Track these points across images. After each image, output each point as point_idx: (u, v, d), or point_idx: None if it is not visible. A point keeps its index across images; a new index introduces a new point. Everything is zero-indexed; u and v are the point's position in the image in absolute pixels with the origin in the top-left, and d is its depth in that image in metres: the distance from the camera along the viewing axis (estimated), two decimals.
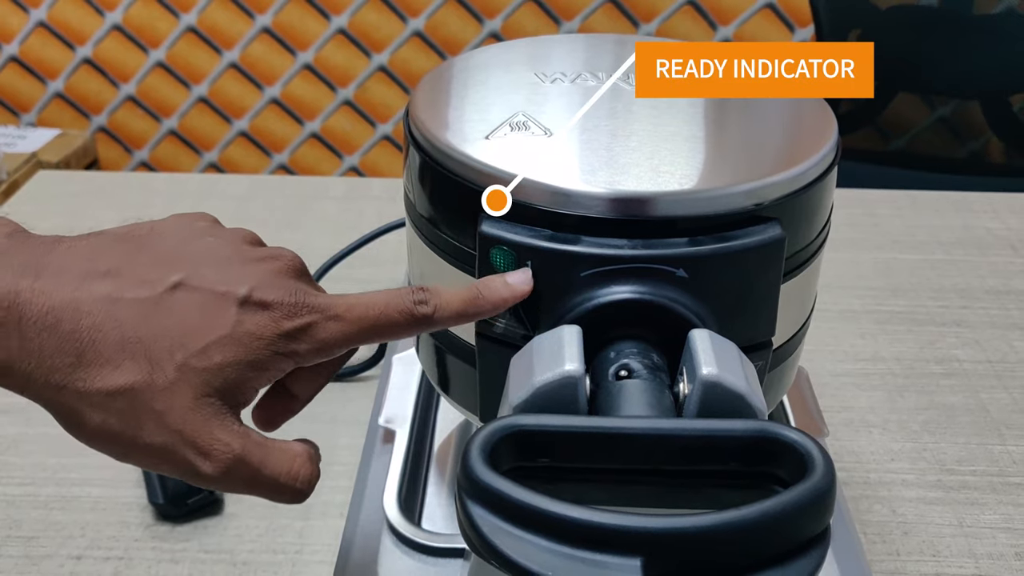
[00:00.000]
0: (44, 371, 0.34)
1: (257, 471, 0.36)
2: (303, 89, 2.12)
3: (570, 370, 0.35)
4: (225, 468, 0.36)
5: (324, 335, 0.37)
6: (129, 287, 0.36)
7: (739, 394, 0.35)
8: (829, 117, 0.46)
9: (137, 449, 0.35)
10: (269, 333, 0.36)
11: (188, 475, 0.36)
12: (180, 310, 0.36)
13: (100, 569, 0.58)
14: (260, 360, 0.36)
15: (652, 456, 0.33)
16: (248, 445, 0.36)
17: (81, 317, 0.34)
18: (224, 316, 0.36)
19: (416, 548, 0.51)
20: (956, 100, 1.77)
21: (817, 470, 0.31)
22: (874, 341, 0.79)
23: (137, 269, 0.36)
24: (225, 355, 0.36)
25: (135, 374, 0.34)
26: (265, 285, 0.37)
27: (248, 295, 0.37)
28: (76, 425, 0.35)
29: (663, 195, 0.39)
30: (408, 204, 0.47)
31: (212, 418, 0.35)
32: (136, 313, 0.35)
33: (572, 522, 0.29)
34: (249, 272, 0.38)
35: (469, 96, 0.48)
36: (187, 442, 0.35)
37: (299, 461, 0.38)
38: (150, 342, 0.35)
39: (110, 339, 0.34)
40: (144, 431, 0.35)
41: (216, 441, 0.35)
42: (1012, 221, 0.98)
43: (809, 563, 0.30)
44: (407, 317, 0.39)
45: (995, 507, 0.63)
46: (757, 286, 0.40)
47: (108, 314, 0.35)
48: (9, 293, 0.34)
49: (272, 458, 0.37)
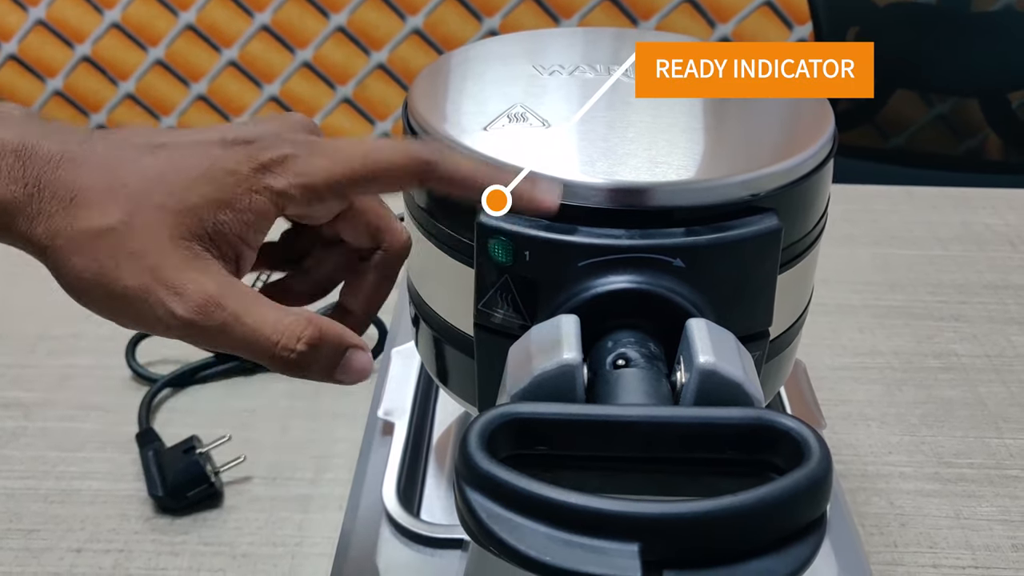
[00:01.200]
0: (43, 216, 0.35)
1: (236, 317, 0.35)
2: (302, 87, 2.12)
3: (568, 359, 0.35)
4: (198, 307, 0.34)
5: (305, 168, 0.36)
6: (124, 145, 0.36)
7: (736, 382, 0.35)
8: (826, 109, 0.46)
9: (116, 295, 0.35)
10: (244, 168, 0.36)
11: (164, 320, 0.35)
12: (167, 159, 0.36)
13: (100, 561, 0.58)
14: (233, 198, 0.35)
15: (649, 444, 0.33)
16: (227, 291, 0.35)
17: (78, 166, 0.35)
18: (204, 157, 0.36)
19: (415, 539, 0.51)
20: (955, 97, 1.78)
21: (813, 457, 0.31)
22: (872, 335, 0.79)
23: (136, 134, 0.37)
24: (199, 194, 0.35)
25: (117, 215, 0.35)
26: (253, 129, 0.37)
27: (234, 137, 0.36)
28: (66, 272, 0.35)
29: (660, 185, 0.39)
30: (406, 196, 0.47)
31: (191, 260, 0.35)
32: (127, 163, 0.36)
33: (570, 508, 0.29)
34: (246, 125, 0.37)
35: (467, 88, 0.48)
36: (161, 282, 0.34)
37: (290, 318, 0.35)
38: (134, 186, 0.35)
39: (99, 185, 0.35)
40: (121, 273, 0.34)
41: (190, 281, 0.35)
42: (1010, 217, 0.98)
43: (806, 549, 0.30)
44: (404, 158, 0.37)
45: (992, 499, 0.63)
46: (754, 276, 0.40)
47: (100, 168, 0.35)
48: (18, 145, 0.35)
49: (257, 309, 0.35)
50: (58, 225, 0.35)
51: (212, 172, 0.36)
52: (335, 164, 0.36)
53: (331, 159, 0.36)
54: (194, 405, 0.71)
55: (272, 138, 0.36)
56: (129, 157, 0.36)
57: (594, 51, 0.52)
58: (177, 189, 0.35)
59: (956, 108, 1.80)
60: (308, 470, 0.65)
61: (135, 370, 0.73)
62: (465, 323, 0.44)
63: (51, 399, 0.71)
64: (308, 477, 0.65)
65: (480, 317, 0.42)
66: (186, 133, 0.38)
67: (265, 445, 0.67)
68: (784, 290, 0.42)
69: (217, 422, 0.68)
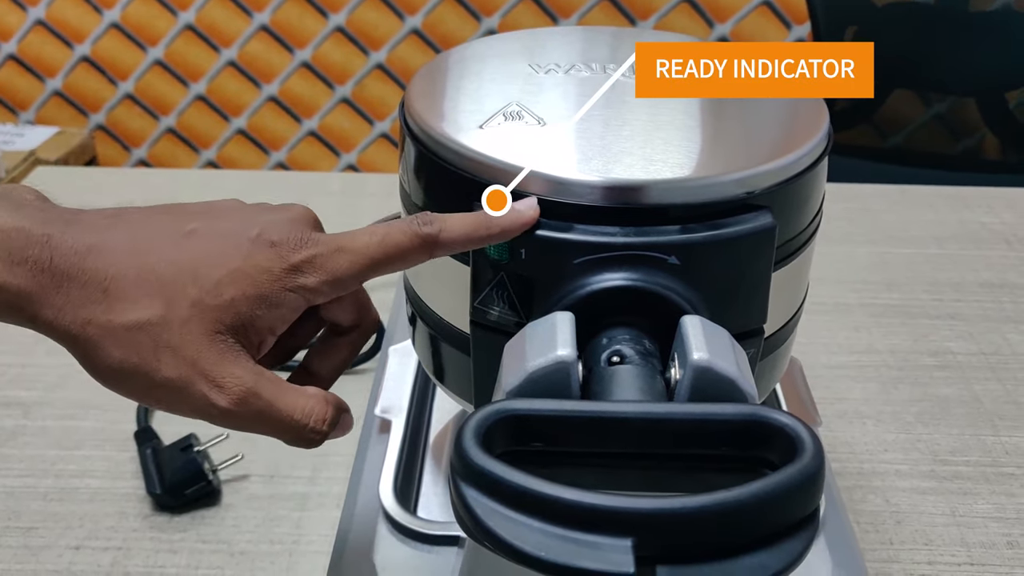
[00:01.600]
0: (72, 306, 0.36)
1: (270, 404, 0.37)
2: (301, 87, 2.12)
3: (563, 355, 0.35)
4: (238, 399, 0.37)
5: (332, 266, 0.38)
6: (150, 234, 0.38)
7: (730, 379, 0.35)
8: (821, 108, 0.46)
9: (156, 385, 0.36)
10: (277, 267, 0.37)
11: (204, 410, 0.37)
12: (195, 250, 0.37)
13: (99, 559, 0.58)
14: (270, 295, 0.37)
15: (644, 440, 0.33)
16: (261, 380, 0.37)
17: (105, 257, 0.36)
18: (235, 253, 0.37)
19: (412, 536, 0.51)
20: (952, 97, 1.78)
21: (806, 452, 0.31)
22: (868, 334, 0.80)
23: (156, 221, 0.38)
24: (236, 290, 0.37)
25: (152, 309, 0.36)
26: (273, 227, 0.38)
27: (258, 235, 0.38)
28: (99, 361, 0.36)
29: (655, 183, 0.39)
30: (403, 194, 0.47)
31: (226, 353, 0.37)
32: (155, 254, 0.37)
33: (564, 504, 0.30)
34: (261, 219, 0.39)
35: (464, 87, 0.48)
36: (201, 374, 0.36)
37: (314, 401, 0.39)
38: (167, 279, 0.36)
39: (130, 277, 0.36)
40: (161, 365, 0.36)
41: (229, 374, 0.37)
42: (1007, 216, 0.98)
43: (798, 544, 0.31)
44: (412, 238, 0.39)
45: (987, 497, 0.64)
46: (748, 274, 0.40)
47: (129, 255, 0.36)
48: (42, 235, 0.36)
49: (287, 396, 0.38)
50: (89, 315, 0.36)
51: (246, 269, 0.37)
52: (356, 257, 0.38)
53: (351, 254, 0.38)
54: None
55: (296, 240, 0.38)
56: (157, 244, 0.37)
57: (591, 50, 0.52)
58: (212, 284, 0.37)
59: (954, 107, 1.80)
60: (305, 468, 0.65)
61: None
62: (461, 321, 0.44)
63: (50, 398, 0.71)
64: (305, 475, 0.65)
65: (476, 315, 0.42)
66: (209, 221, 0.39)
67: (263, 443, 0.66)
68: (779, 288, 0.42)
69: None
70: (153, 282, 0.36)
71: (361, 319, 0.45)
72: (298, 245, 0.38)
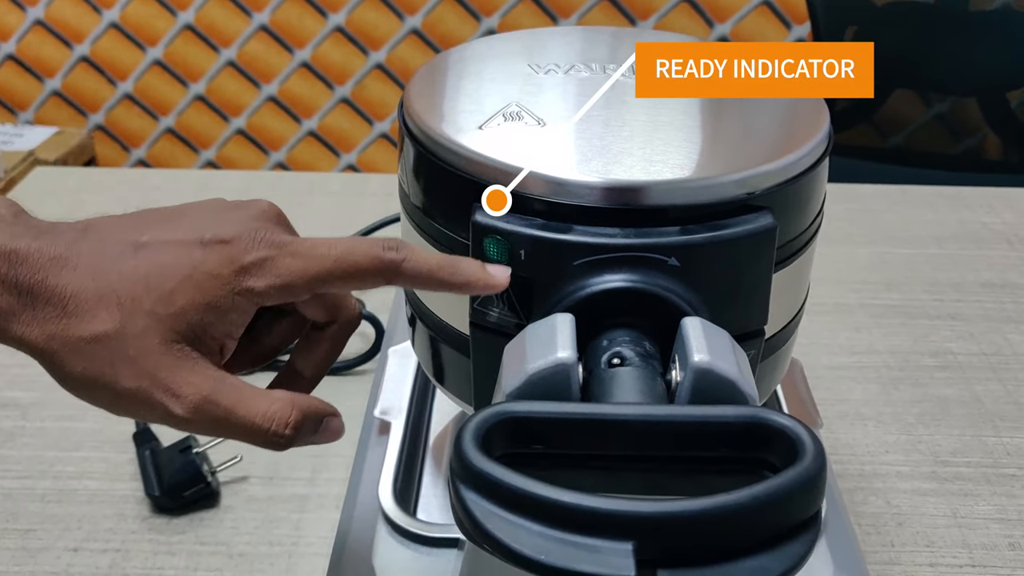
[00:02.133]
0: (38, 322, 0.36)
1: (229, 411, 0.37)
2: (300, 87, 2.12)
3: (563, 357, 0.35)
4: (194, 407, 0.37)
5: (282, 270, 0.38)
6: (109, 244, 0.38)
7: (731, 381, 0.35)
8: (821, 108, 0.46)
9: (118, 395, 0.37)
10: (226, 271, 0.37)
11: (164, 418, 0.37)
12: (149, 262, 0.37)
13: (97, 561, 0.58)
14: (217, 301, 0.37)
15: (644, 443, 0.33)
16: (219, 387, 0.37)
17: (67, 274, 0.37)
18: (186, 260, 0.37)
19: (411, 538, 0.51)
20: (953, 97, 1.78)
21: (807, 455, 0.31)
22: (869, 334, 0.79)
23: (119, 233, 0.38)
24: (185, 299, 0.37)
25: (109, 323, 0.36)
26: (229, 225, 0.38)
27: (211, 237, 0.38)
28: (64, 375, 0.37)
29: (655, 184, 0.39)
30: (403, 195, 0.47)
31: (182, 361, 0.37)
32: (113, 269, 0.37)
33: (564, 507, 0.30)
34: (219, 218, 0.39)
35: (463, 87, 0.48)
36: (158, 384, 0.37)
37: (277, 405, 0.38)
38: (123, 293, 0.37)
39: (89, 292, 0.37)
40: (120, 377, 0.36)
41: (185, 383, 0.37)
42: (1008, 216, 0.98)
43: (800, 547, 0.30)
44: (373, 260, 0.38)
45: (989, 498, 0.63)
46: (749, 275, 0.40)
47: (89, 270, 0.37)
48: (9, 252, 0.36)
49: (248, 400, 0.38)
50: (53, 330, 0.36)
51: (195, 276, 0.37)
52: (309, 265, 0.38)
53: (305, 260, 0.38)
54: None
55: (248, 239, 0.38)
56: (113, 258, 0.37)
57: (590, 50, 0.52)
58: (164, 294, 0.37)
59: (954, 107, 1.80)
60: (305, 470, 0.65)
61: None
62: (461, 322, 0.44)
63: (48, 399, 0.71)
64: (305, 477, 0.65)
65: (476, 316, 0.42)
66: (166, 228, 0.39)
67: None
68: (779, 289, 0.42)
69: None
70: (110, 296, 0.37)
71: (336, 315, 0.44)
72: (250, 245, 0.38)
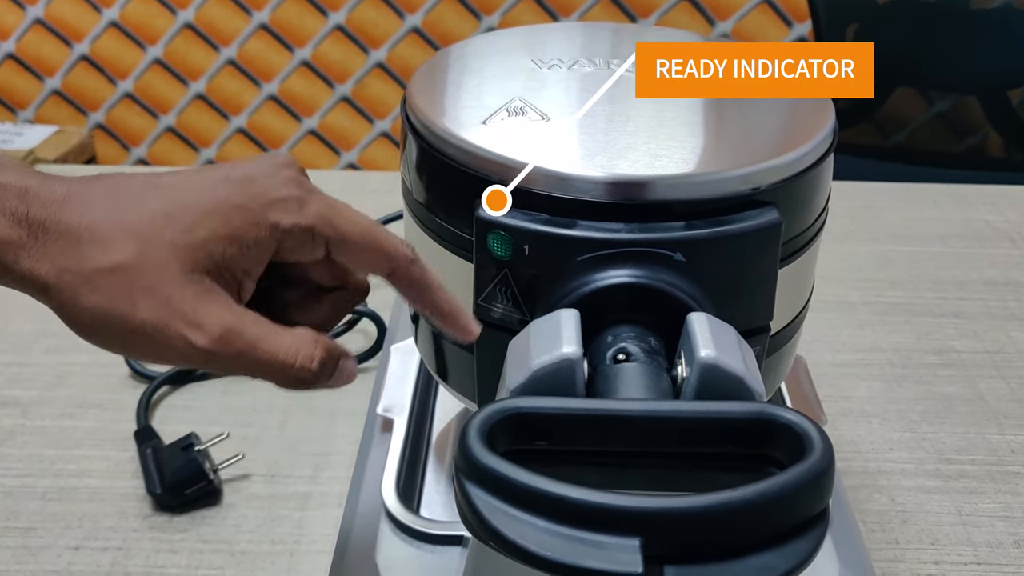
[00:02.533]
0: (49, 256, 0.35)
1: (253, 344, 0.36)
2: (301, 86, 2.12)
3: (568, 353, 0.35)
4: (218, 338, 0.36)
5: (310, 212, 0.38)
6: (126, 186, 0.37)
7: (737, 376, 0.35)
8: (826, 103, 0.46)
9: (133, 330, 0.36)
10: (254, 204, 0.37)
11: (184, 351, 0.36)
12: (170, 195, 0.37)
13: (98, 559, 0.58)
14: (241, 232, 0.37)
15: (650, 439, 0.33)
16: (243, 319, 0.36)
17: (81, 207, 0.36)
18: (210, 195, 0.37)
19: (415, 536, 0.51)
20: (954, 95, 1.77)
21: (815, 451, 0.31)
22: (873, 332, 0.79)
23: (135, 176, 0.38)
24: (208, 230, 0.36)
25: (127, 252, 0.35)
26: (254, 166, 0.38)
27: (238, 176, 0.38)
28: (76, 310, 0.36)
29: (660, 179, 0.39)
30: (405, 192, 0.47)
31: (203, 293, 0.36)
32: (131, 202, 0.37)
33: (570, 502, 0.29)
34: (243, 164, 0.39)
35: (466, 83, 0.48)
36: (178, 315, 0.35)
37: (300, 340, 0.37)
38: (142, 223, 0.36)
39: (105, 224, 0.36)
40: (138, 308, 0.35)
41: (207, 313, 0.36)
42: (1011, 214, 0.98)
43: (807, 544, 0.30)
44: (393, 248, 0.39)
45: (993, 496, 0.63)
46: (754, 270, 0.40)
47: (104, 204, 0.36)
48: (20, 188, 0.36)
49: (271, 335, 0.37)
50: (66, 263, 0.35)
51: (220, 209, 0.37)
52: (337, 219, 0.38)
53: (333, 212, 0.38)
54: (192, 402, 0.71)
55: (277, 177, 0.38)
56: (131, 196, 0.37)
57: (593, 45, 0.52)
58: (186, 225, 0.36)
59: (956, 105, 1.80)
60: (307, 467, 0.65)
61: (133, 367, 0.73)
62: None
63: (49, 397, 0.71)
64: (307, 474, 0.64)
65: (479, 312, 0.42)
66: (182, 174, 0.39)
67: (264, 442, 0.67)
68: (785, 284, 0.42)
69: (215, 419, 0.68)
70: (127, 227, 0.36)
71: (345, 280, 0.43)
72: (280, 183, 0.38)
